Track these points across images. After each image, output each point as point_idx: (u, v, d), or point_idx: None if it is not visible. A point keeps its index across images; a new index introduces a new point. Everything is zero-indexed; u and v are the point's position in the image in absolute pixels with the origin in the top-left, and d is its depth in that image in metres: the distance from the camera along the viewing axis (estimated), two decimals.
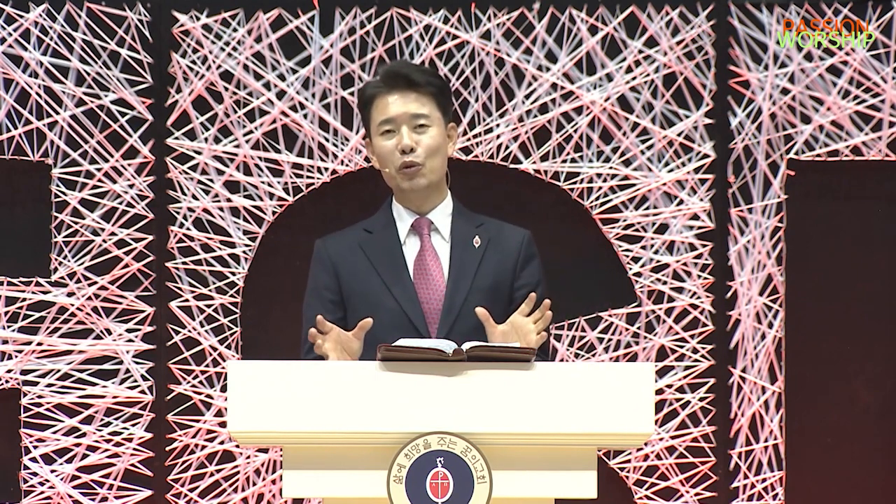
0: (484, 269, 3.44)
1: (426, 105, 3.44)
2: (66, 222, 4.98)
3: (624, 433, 2.92)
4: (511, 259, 3.47)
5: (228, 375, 2.91)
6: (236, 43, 5.01)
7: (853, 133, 5.07)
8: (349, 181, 5.06)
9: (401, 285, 3.42)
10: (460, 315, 3.39)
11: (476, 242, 3.46)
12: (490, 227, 3.51)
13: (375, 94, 3.46)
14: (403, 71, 3.45)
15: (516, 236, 3.50)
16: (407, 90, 3.44)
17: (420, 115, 3.43)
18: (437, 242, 3.47)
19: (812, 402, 5.09)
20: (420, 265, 3.44)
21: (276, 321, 5.05)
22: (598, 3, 5.05)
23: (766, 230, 5.06)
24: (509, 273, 3.46)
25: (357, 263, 3.46)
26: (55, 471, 4.97)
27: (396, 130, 3.43)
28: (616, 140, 5.06)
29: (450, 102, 3.51)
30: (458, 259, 3.44)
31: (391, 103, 3.44)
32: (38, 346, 4.97)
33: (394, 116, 3.43)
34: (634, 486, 5.05)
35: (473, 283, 3.42)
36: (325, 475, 2.92)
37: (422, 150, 3.43)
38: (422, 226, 3.47)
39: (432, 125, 3.44)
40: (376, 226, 3.51)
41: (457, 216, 3.50)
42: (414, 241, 3.47)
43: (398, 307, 3.40)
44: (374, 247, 3.47)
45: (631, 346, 5.06)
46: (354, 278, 3.45)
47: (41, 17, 4.98)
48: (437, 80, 3.48)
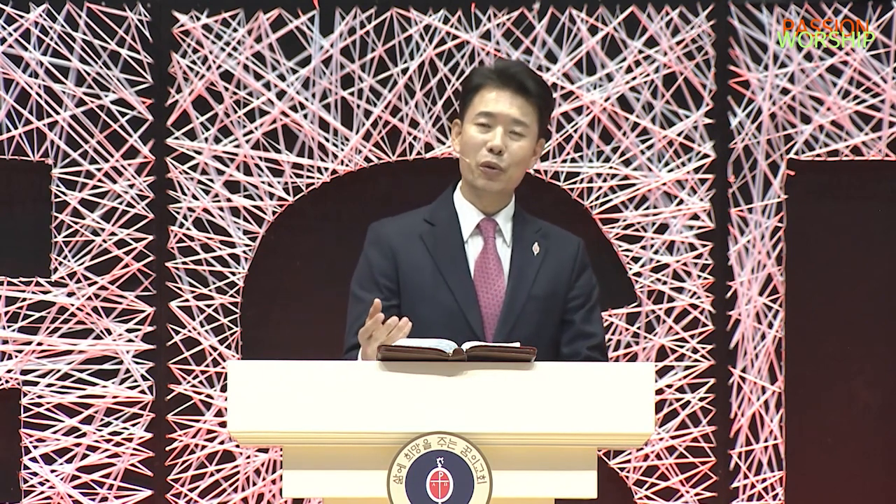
0: (542, 277, 3.43)
1: (528, 115, 3.41)
2: (66, 222, 4.99)
3: (624, 433, 2.92)
4: (567, 269, 3.47)
5: (228, 375, 2.91)
6: (236, 43, 5.01)
7: (853, 133, 5.07)
8: (349, 181, 5.06)
9: (461, 284, 3.38)
10: (518, 322, 3.38)
11: (535, 249, 3.45)
12: (548, 233, 3.49)
13: (484, 83, 3.41)
14: (519, 75, 3.40)
15: (571, 246, 3.50)
16: (517, 93, 3.40)
17: (520, 123, 3.40)
18: (499, 245, 3.45)
19: (812, 402, 5.09)
20: (482, 267, 3.41)
21: (276, 321, 5.05)
22: (598, 3, 5.05)
23: (766, 230, 5.06)
24: (564, 283, 3.46)
25: (416, 254, 3.41)
26: (55, 471, 4.97)
27: (492, 127, 3.39)
28: (616, 140, 5.06)
29: (549, 118, 3.49)
30: (519, 265, 3.42)
31: (497, 99, 3.40)
32: (38, 346, 4.97)
33: (495, 113, 3.39)
34: (634, 486, 5.05)
35: (532, 291, 3.41)
36: (325, 475, 2.92)
37: (508, 157, 3.39)
38: (488, 227, 3.44)
39: (527, 136, 3.41)
40: (438, 218, 3.46)
41: (518, 219, 3.48)
42: (477, 241, 3.44)
43: (456, 306, 3.37)
44: (436, 240, 3.42)
45: (631, 346, 5.06)
46: (412, 269, 3.40)
47: (41, 17, 4.98)
48: (546, 94, 3.45)
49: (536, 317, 3.39)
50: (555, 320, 3.42)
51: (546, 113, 3.46)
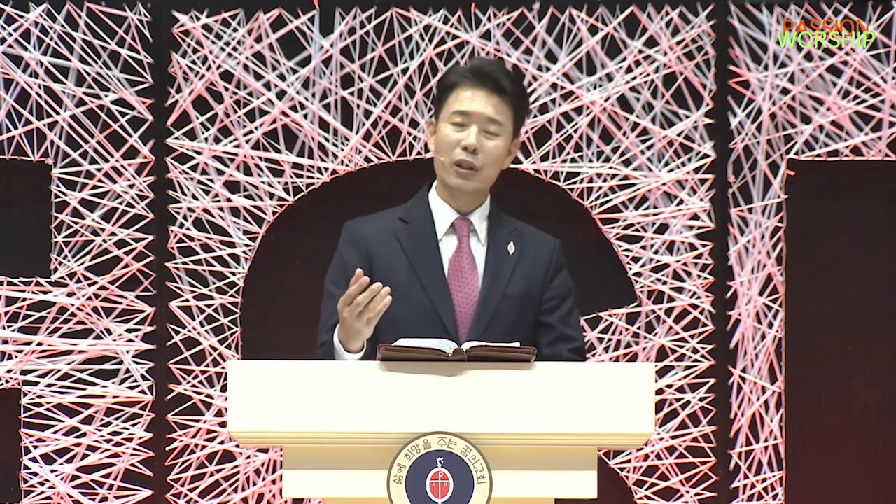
0: (517, 276, 3.42)
1: (503, 114, 3.40)
2: (66, 222, 4.98)
3: (624, 433, 2.92)
4: (542, 270, 3.46)
5: (228, 375, 2.91)
6: (236, 43, 5.01)
7: (853, 133, 5.07)
8: (349, 181, 5.06)
9: (435, 283, 3.38)
10: (492, 321, 3.37)
11: (510, 249, 3.45)
12: (523, 233, 3.48)
13: (459, 82, 3.40)
14: (495, 74, 3.40)
15: (547, 246, 3.49)
16: (492, 92, 3.39)
17: (495, 122, 3.39)
18: (474, 244, 3.45)
19: (812, 402, 5.09)
20: (456, 266, 3.41)
21: (276, 321, 5.05)
22: (598, 3, 5.05)
23: (766, 230, 5.06)
24: (539, 284, 3.45)
25: (391, 252, 3.42)
26: (55, 471, 4.97)
27: (467, 126, 3.38)
28: (616, 140, 5.06)
29: (524, 117, 3.49)
30: (494, 265, 3.42)
31: (472, 98, 3.39)
32: (38, 346, 4.97)
33: (470, 112, 3.38)
34: (634, 486, 5.05)
35: (506, 291, 3.40)
36: (325, 475, 2.92)
37: (483, 156, 3.39)
38: (462, 226, 3.44)
39: (501, 135, 3.40)
40: (413, 216, 3.46)
41: (493, 219, 3.47)
42: (451, 240, 3.44)
43: (430, 305, 3.36)
44: (410, 239, 3.42)
45: (631, 346, 5.06)
46: (387, 267, 3.40)
47: (41, 17, 4.98)
48: (522, 93, 3.45)
49: (511, 316, 3.39)
50: (529, 320, 3.42)
51: (521, 112, 3.45)
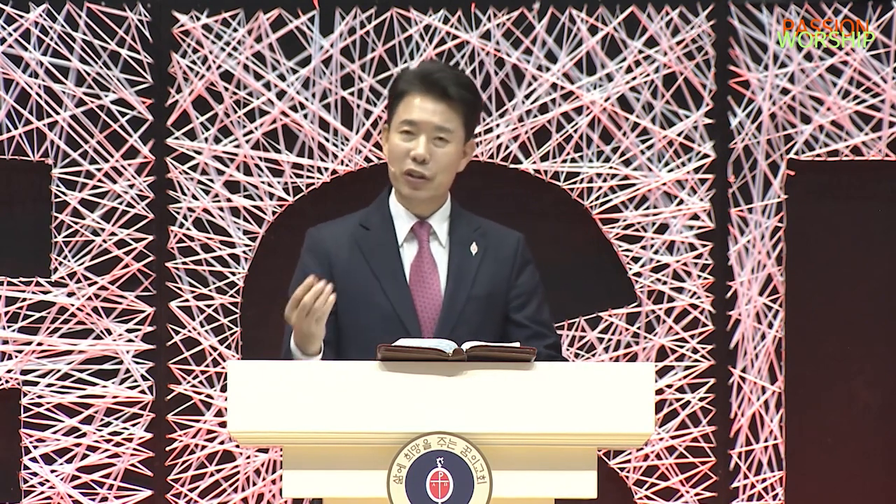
0: (481, 277, 3.40)
1: (452, 120, 3.37)
2: (66, 222, 4.98)
3: (624, 433, 2.92)
4: (507, 267, 3.44)
5: (228, 375, 2.91)
6: (236, 43, 5.01)
7: (853, 133, 5.07)
8: (349, 181, 5.06)
9: (396, 289, 3.37)
10: (458, 323, 3.36)
11: (473, 249, 3.43)
12: (486, 231, 3.46)
13: (408, 90, 3.38)
14: (442, 81, 3.36)
15: (511, 242, 3.46)
16: (439, 99, 3.36)
17: (444, 129, 3.37)
18: (435, 248, 3.43)
19: (812, 402, 5.09)
20: (417, 270, 3.40)
21: (276, 321, 5.01)
22: (598, 3, 5.05)
23: (766, 230, 5.06)
24: (505, 281, 3.43)
25: (352, 259, 3.40)
26: (55, 471, 4.97)
27: (416, 135, 3.36)
28: (616, 140, 5.06)
29: (476, 119, 3.46)
30: (456, 267, 3.40)
31: (419, 107, 3.36)
32: (38, 346, 4.97)
33: (418, 121, 3.36)
34: (634, 486, 5.05)
35: (471, 292, 3.38)
36: (325, 475, 2.92)
37: (433, 165, 3.37)
38: (421, 231, 3.43)
39: (452, 141, 3.38)
40: (373, 222, 3.45)
41: (455, 219, 3.45)
42: (412, 245, 3.42)
43: (392, 311, 3.35)
44: (371, 245, 3.41)
45: (631, 346, 5.06)
46: (348, 275, 3.39)
47: (41, 17, 4.98)
48: (470, 97, 3.40)
49: (477, 318, 3.37)
50: (496, 320, 3.40)
51: (472, 115, 3.42)
